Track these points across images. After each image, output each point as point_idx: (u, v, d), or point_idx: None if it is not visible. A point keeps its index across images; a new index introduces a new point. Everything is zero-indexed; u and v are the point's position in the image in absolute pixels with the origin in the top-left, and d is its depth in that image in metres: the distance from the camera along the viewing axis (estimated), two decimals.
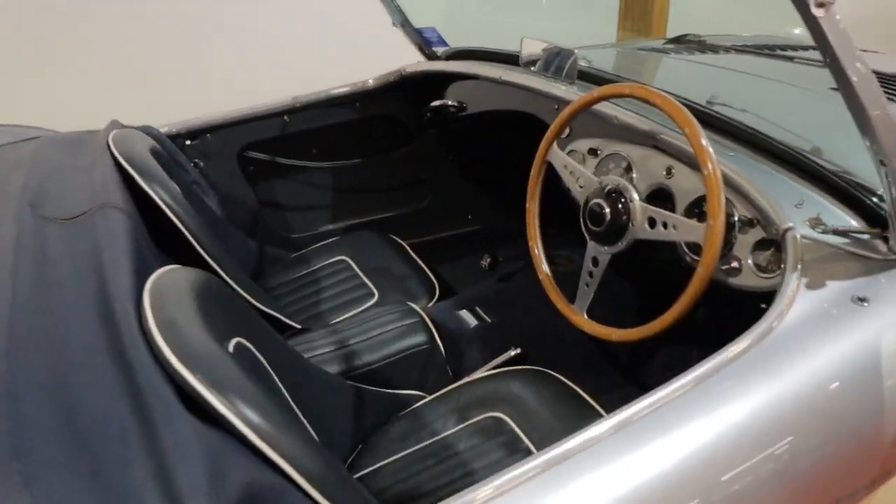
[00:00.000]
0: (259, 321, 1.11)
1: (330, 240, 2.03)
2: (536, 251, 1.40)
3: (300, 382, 1.15)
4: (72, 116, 1.93)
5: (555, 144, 1.34)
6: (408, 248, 1.98)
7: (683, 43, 2.19)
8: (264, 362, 1.03)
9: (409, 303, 1.66)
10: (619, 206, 1.19)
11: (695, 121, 1.07)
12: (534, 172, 1.38)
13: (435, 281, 1.81)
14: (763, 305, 1.13)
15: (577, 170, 1.30)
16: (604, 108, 1.38)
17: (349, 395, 1.29)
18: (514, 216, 2.43)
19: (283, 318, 1.49)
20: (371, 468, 1.23)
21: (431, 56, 1.99)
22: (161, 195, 1.30)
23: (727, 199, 1.07)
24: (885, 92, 1.49)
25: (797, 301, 0.91)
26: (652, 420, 0.79)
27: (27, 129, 1.62)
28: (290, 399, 1.08)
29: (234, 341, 0.94)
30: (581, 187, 1.29)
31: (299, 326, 1.52)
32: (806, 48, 2.11)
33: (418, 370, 1.46)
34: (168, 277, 0.93)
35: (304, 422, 1.01)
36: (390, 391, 1.39)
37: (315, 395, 1.18)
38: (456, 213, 2.32)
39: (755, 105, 1.37)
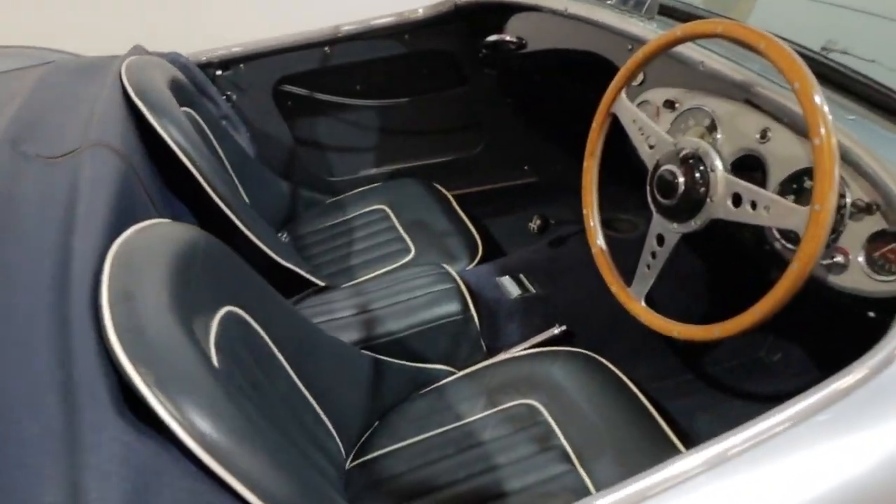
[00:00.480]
0: (261, 286, 0.97)
1: (370, 186, 1.87)
2: (592, 221, 1.20)
3: (307, 353, 1.01)
4: (102, 39, 1.79)
5: (623, 93, 1.12)
6: (452, 200, 1.80)
7: None
8: (262, 333, 0.90)
9: (446, 264, 1.50)
10: (697, 175, 0.98)
11: (809, 72, 0.84)
12: (595, 125, 1.17)
13: (479, 239, 1.64)
14: (871, 314, 0.92)
15: (648, 126, 1.08)
16: (688, 50, 1.14)
17: (366, 367, 1.15)
18: (575, 171, 2.21)
19: (304, 273, 1.35)
20: (385, 450, 1.10)
21: None
22: (171, 133, 1.15)
23: (840, 178, 0.84)
24: None
25: None
26: (747, 459, 0.62)
27: (46, 52, 1.49)
28: (292, 374, 0.95)
29: (222, 312, 0.81)
30: (651, 148, 1.08)
31: (322, 284, 1.38)
32: None
33: (448, 342, 1.31)
34: (144, 235, 0.78)
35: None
36: (415, 365, 1.24)
37: (324, 369, 1.04)
38: (511, 163, 2.12)
39: (885, 55, 1.10)
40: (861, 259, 0.90)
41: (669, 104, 1.19)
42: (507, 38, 1.68)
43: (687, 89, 1.17)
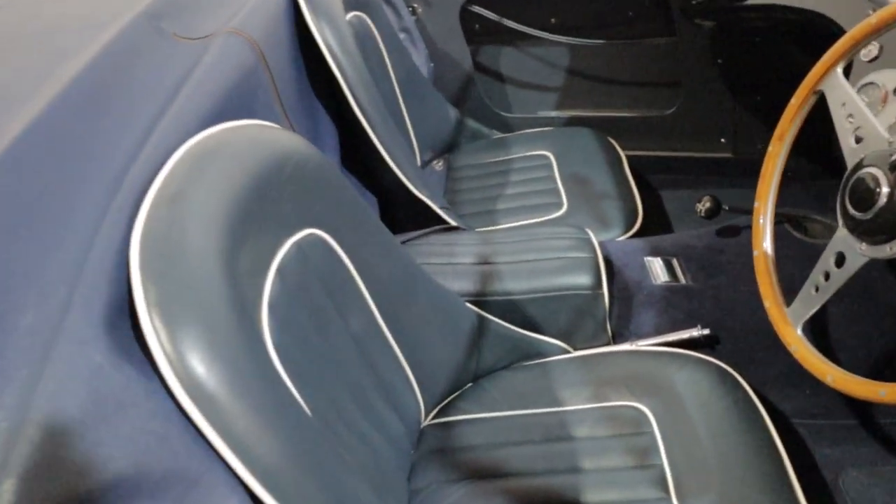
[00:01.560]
0: (361, 213, 0.90)
1: (541, 129, 1.75)
2: (762, 218, 1.00)
3: (400, 294, 0.95)
4: None
5: (839, 68, 0.89)
6: (625, 160, 1.63)
7: None
8: (348, 263, 0.85)
9: (597, 230, 1.37)
10: None
11: None
12: (794, 101, 0.95)
13: (640, 210, 1.48)
14: None
15: (861, 114, 0.85)
16: None
17: (469, 323, 1.08)
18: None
19: (436, 208, 1.30)
20: (468, 416, 1.04)
21: None
22: (325, 32, 1.12)
23: None
24: None
25: None
26: None
27: None
28: (375, 312, 0.90)
29: (302, 233, 0.76)
30: (858, 142, 0.85)
31: (453, 223, 1.32)
32: None
33: (569, 317, 1.19)
34: (230, 135, 0.72)
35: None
36: (526, 332, 1.15)
37: (418, 315, 0.99)
38: (705, 132, 1.87)
39: None
40: None
41: None
42: None
43: None
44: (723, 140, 1.88)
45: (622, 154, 1.66)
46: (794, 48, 1.57)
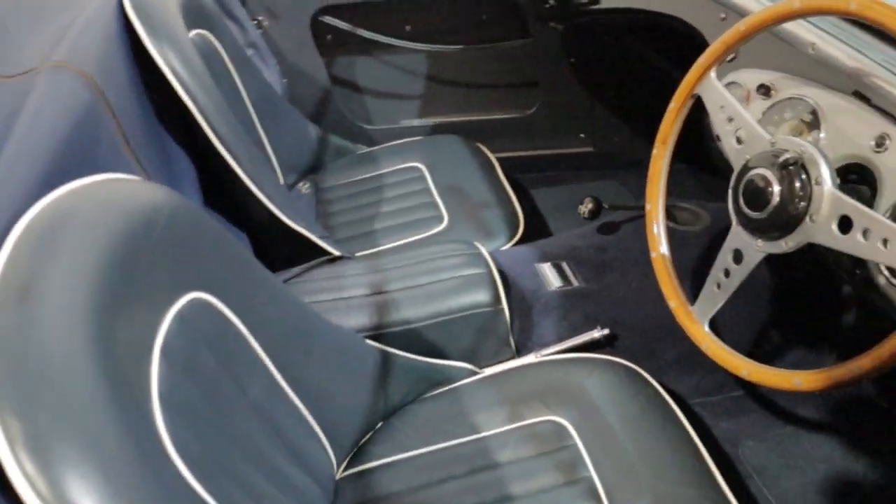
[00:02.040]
0: (243, 262, 0.80)
1: (408, 139, 1.70)
2: (656, 222, 1.01)
3: (296, 346, 0.87)
4: None
5: (713, 73, 0.91)
6: (497, 165, 1.62)
7: None
8: (238, 325, 0.75)
9: (481, 241, 1.34)
10: (797, 185, 0.78)
11: None
12: (674, 105, 0.97)
13: (521, 214, 1.47)
14: None
15: (740, 116, 0.88)
16: (797, 28, 0.92)
17: (371, 361, 1.01)
18: (635, 146, 2.01)
19: (315, 238, 1.21)
20: (383, 461, 0.97)
21: None
22: (169, 59, 0.99)
23: None
24: None
25: None
26: None
27: None
28: (274, 372, 0.81)
29: (183, 300, 0.66)
30: (739, 143, 0.88)
31: (336, 253, 1.23)
32: None
33: (472, 337, 1.16)
34: (78, 198, 0.60)
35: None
36: (430, 360, 1.10)
37: (317, 363, 0.91)
38: (566, 129, 1.91)
39: None
40: None
41: (764, 90, 0.98)
42: None
43: (787, 74, 0.96)
44: (582, 135, 1.93)
45: (493, 158, 1.65)
46: (647, 47, 1.64)
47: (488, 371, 1.12)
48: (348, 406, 0.96)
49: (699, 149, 1.01)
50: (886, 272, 0.81)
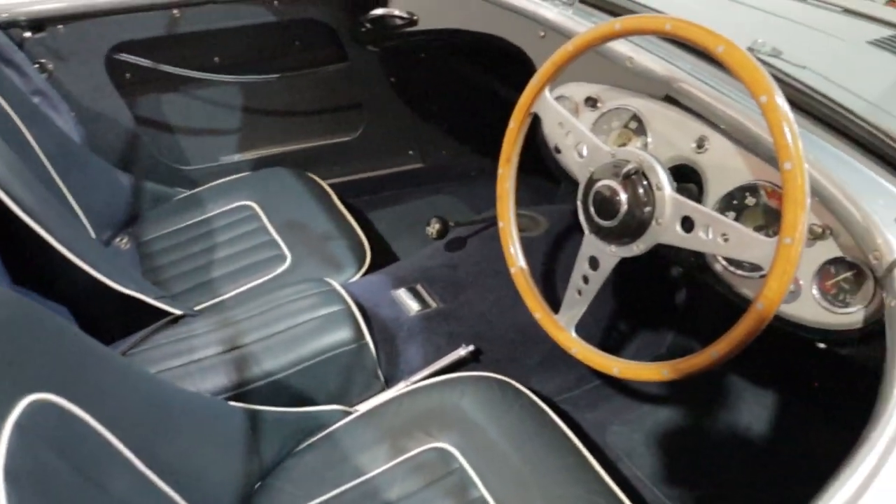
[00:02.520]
0: (82, 348, 0.70)
1: (233, 177, 1.60)
2: (511, 240, 1.03)
3: (155, 428, 0.77)
4: None
5: (547, 92, 0.95)
6: (332, 193, 1.58)
7: None
8: (89, 420, 0.65)
9: (330, 275, 1.29)
10: (641, 192, 0.84)
11: (776, 85, 0.71)
12: (513, 125, 1.00)
13: (366, 241, 1.43)
14: (822, 345, 0.84)
15: (579, 131, 0.92)
16: (615, 44, 1.00)
17: (237, 425, 0.92)
18: (465, 157, 2.07)
19: (151, 300, 1.09)
20: None
21: None
22: None
23: None
24: None
25: None
26: None
27: None
28: (136, 463, 0.71)
29: (20, 407, 0.56)
30: (582, 157, 0.92)
31: (177, 312, 1.12)
32: None
33: (339, 377, 1.11)
34: None
35: None
36: (299, 410, 1.03)
37: (181, 442, 0.81)
38: (394, 147, 1.92)
39: (808, 60, 1.02)
40: (815, 290, 0.81)
41: (591, 102, 1.05)
42: (396, 12, 1.46)
43: (610, 86, 1.04)
44: (411, 152, 1.95)
45: (327, 186, 1.60)
46: (468, 63, 1.68)
47: (361, 408, 1.07)
48: (221, 478, 0.87)
49: (525, 156, 1.05)
50: (723, 261, 0.89)
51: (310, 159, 1.76)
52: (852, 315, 0.78)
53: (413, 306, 1.28)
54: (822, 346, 0.84)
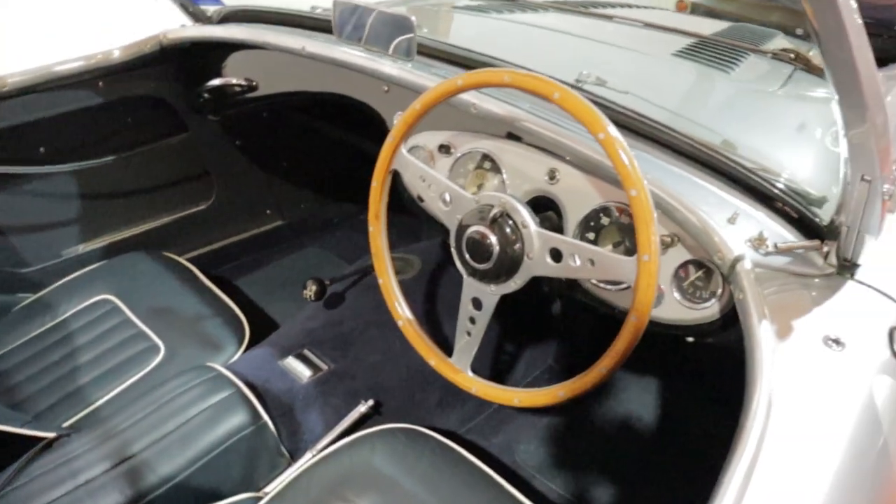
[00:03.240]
0: None
1: (82, 271, 1.49)
2: (394, 295, 1.05)
3: None
4: None
5: (404, 150, 0.99)
6: (194, 269, 1.52)
7: None
8: None
9: (212, 359, 1.24)
10: (509, 232, 0.89)
11: (609, 122, 0.79)
12: (376, 185, 1.02)
13: (241, 314, 1.39)
14: (690, 339, 0.93)
15: (440, 183, 0.96)
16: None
17: None
18: (327, 209, 2.06)
19: (16, 429, 0.99)
20: None
21: (200, 17, 1.49)
22: None
23: None
24: None
25: (771, 369, 0.69)
26: None
27: None
28: None
29: None
30: (448, 205, 0.96)
31: (49, 435, 1.03)
32: (620, 4, 1.96)
33: (243, 463, 1.07)
34: None
35: None
36: None
37: None
38: (251, 210, 1.88)
39: (626, 83, 1.13)
40: (676, 293, 0.90)
41: (444, 149, 1.10)
42: (234, 80, 1.44)
43: (460, 131, 1.09)
44: (269, 212, 1.91)
45: (187, 263, 1.54)
46: (316, 118, 1.68)
47: (270, 489, 1.04)
48: None
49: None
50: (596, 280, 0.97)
51: (164, 237, 1.68)
52: (709, 309, 0.88)
53: (304, 373, 1.26)
54: (690, 339, 0.93)
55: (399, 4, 1.73)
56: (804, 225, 0.89)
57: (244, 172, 1.80)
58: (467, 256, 0.92)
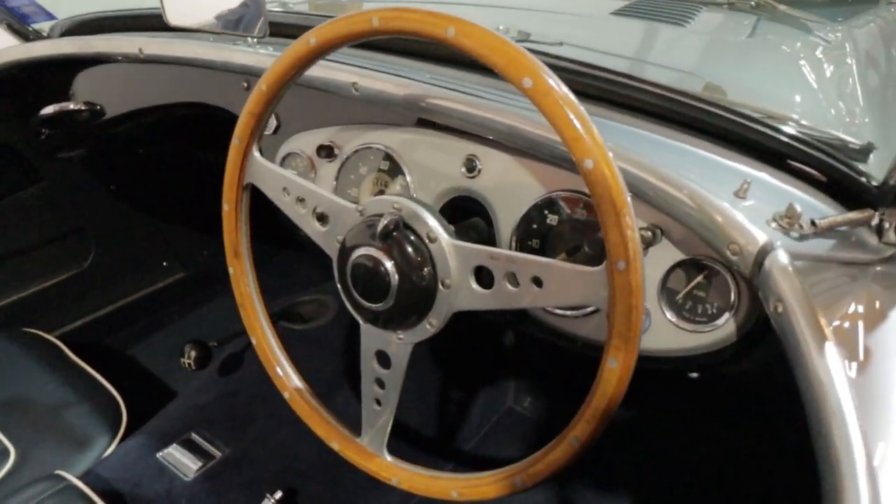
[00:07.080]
0: None
1: None
2: (272, 357, 0.76)
3: None
4: None
5: (255, 153, 0.70)
6: (63, 347, 1.22)
7: None
8: None
9: (74, 462, 0.96)
10: (410, 251, 0.61)
11: (543, 66, 0.52)
12: (227, 209, 0.74)
13: (118, 397, 1.10)
14: (694, 374, 0.66)
15: (311, 192, 0.68)
16: (331, 72, 0.77)
17: None
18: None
19: None
20: None
21: (29, 36, 1.20)
22: None
23: None
24: None
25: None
26: None
27: None
28: None
29: None
30: (325, 224, 0.68)
31: None
32: None
33: None
34: None
35: None
36: None
37: None
38: (141, 264, 1.57)
39: (557, 34, 0.87)
40: (668, 312, 0.63)
41: (326, 151, 0.82)
42: (71, 106, 1.14)
43: (344, 125, 0.81)
44: (165, 263, 1.61)
45: (55, 341, 1.24)
46: (188, 144, 1.39)
47: None
48: None
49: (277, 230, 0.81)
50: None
51: (29, 311, 1.38)
52: (721, 329, 0.61)
53: (190, 465, 0.98)
54: (694, 375, 0.66)
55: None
56: (843, 189, 0.62)
57: (125, 222, 1.49)
58: (356, 294, 0.63)
